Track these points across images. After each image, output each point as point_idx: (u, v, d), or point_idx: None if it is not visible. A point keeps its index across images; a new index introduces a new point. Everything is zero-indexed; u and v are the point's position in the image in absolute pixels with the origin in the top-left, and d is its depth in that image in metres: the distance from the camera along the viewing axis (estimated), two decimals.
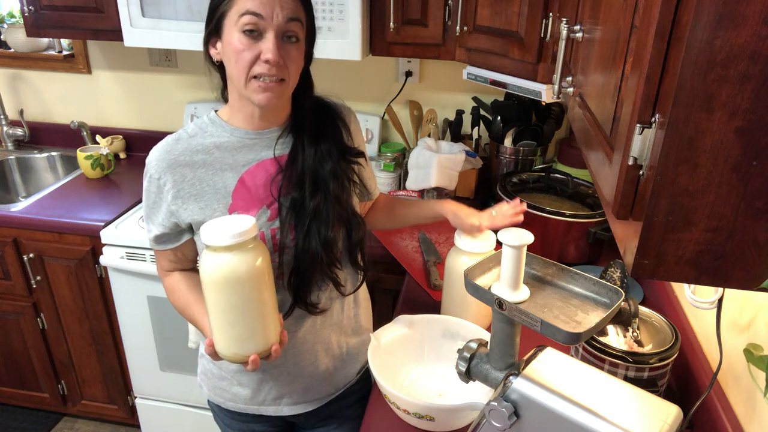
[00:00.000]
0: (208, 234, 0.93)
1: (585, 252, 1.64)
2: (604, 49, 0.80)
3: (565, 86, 1.07)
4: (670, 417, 0.74)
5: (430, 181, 1.88)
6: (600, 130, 0.77)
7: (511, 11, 1.50)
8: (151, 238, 1.15)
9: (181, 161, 1.08)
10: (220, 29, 1.01)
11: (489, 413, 0.80)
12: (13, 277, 2.03)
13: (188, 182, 1.08)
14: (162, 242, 1.14)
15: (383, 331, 1.22)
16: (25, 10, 1.91)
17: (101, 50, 2.33)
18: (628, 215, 0.63)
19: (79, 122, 2.34)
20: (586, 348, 1.08)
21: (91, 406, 2.28)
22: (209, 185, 1.09)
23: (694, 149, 0.54)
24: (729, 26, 0.49)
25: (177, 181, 1.08)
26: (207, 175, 1.09)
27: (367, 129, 2.13)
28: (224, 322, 0.99)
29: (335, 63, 2.14)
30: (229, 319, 0.98)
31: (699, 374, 1.12)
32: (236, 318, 0.98)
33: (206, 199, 1.09)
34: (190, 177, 1.08)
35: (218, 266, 0.94)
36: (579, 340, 0.78)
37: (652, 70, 0.56)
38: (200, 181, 1.08)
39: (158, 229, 1.12)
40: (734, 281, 0.58)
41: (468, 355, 0.93)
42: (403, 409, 1.08)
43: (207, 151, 1.09)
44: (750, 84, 0.50)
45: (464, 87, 2.10)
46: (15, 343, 2.18)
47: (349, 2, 1.62)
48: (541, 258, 0.92)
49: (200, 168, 1.08)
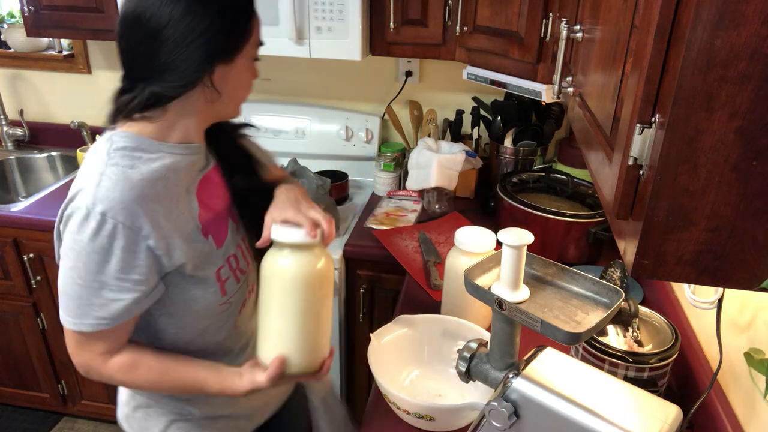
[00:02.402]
0: (297, 233, 0.93)
1: (585, 252, 1.64)
2: (604, 49, 0.80)
3: (565, 86, 1.07)
4: (670, 417, 0.74)
5: (430, 181, 1.88)
6: (600, 130, 0.77)
7: (511, 11, 1.50)
8: (115, 313, 0.90)
9: (148, 196, 0.90)
10: (235, 58, 0.93)
11: (489, 413, 0.80)
12: (13, 277, 2.03)
13: (164, 218, 0.92)
14: (134, 310, 0.92)
15: (383, 331, 1.22)
16: (25, 10, 1.91)
17: (101, 50, 2.33)
18: (628, 215, 0.63)
19: (79, 122, 2.34)
20: (586, 348, 1.08)
21: (91, 406, 2.28)
22: (182, 213, 0.95)
23: (694, 149, 0.54)
24: (729, 26, 0.49)
25: (153, 219, 0.90)
26: (173, 203, 0.94)
27: (367, 129, 2.13)
28: (308, 326, 0.95)
29: (335, 63, 2.14)
30: (313, 321, 0.96)
31: (699, 374, 1.12)
32: (317, 320, 0.96)
33: (186, 229, 0.95)
34: (162, 211, 0.92)
35: (311, 263, 0.93)
36: (579, 340, 0.78)
37: (652, 70, 0.56)
38: (172, 212, 0.93)
39: (134, 292, 0.90)
40: (734, 281, 0.58)
41: (468, 355, 0.93)
42: (403, 409, 1.08)
43: (163, 177, 0.93)
44: (750, 84, 0.50)
45: (464, 87, 2.10)
46: (15, 343, 2.18)
47: (349, 2, 1.62)
48: (541, 258, 0.92)
49: (165, 198, 0.93)
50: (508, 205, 1.66)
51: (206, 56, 0.89)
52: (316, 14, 1.66)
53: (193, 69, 0.89)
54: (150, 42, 0.87)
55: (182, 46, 0.86)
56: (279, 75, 2.21)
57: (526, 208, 1.62)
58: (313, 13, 1.66)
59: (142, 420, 1.11)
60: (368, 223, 1.88)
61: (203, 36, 0.87)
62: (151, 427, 1.11)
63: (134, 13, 0.87)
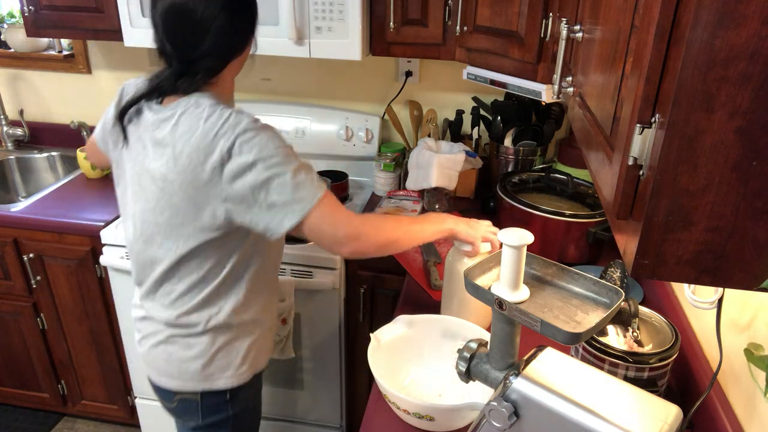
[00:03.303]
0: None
1: (585, 252, 1.64)
2: (604, 49, 0.80)
3: (565, 86, 1.07)
4: (670, 417, 0.74)
5: (430, 181, 1.88)
6: (600, 130, 0.77)
7: (511, 11, 1.50)
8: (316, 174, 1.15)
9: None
10: (249, 43, 1.19)
11: (489, 413, 0.80)
12: (13, 277, 2.03)
13: None
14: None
15: (383, 331, 1.22)
16: (25, 10, 1.91)
17: (101, 50, 2.34)
18: (628, 215, 0.63)
19: (79, 122, 2.34)
20: (586, 348, 1.08)
21: (91, 406, 2.28)
22: None
23: (694, 149, 0.54)
24: (729, 26, 0.49)
25: None
26: None
27: (367, 129, 2.13)
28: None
29: (335, 63, 2.15)
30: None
31: (699, 374, 1.12)
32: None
33: None
34: None
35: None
36: (579, 340, 0.78)
37: (652, 70, 0.56)
38: None
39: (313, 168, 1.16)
40: (734, 281, 0.58)
41: (468, 355, 0.93)
42: (403, 409, 1.08)
43: None
44: (750, 84, 0.50)
45: (464, 87, 2.10)
46: (15, 343, 2.18)
47: (349, 2, 1.62)
48: (541, 258, 0.92)
49: None
50: (508, 205, 1.66)
51: (240, 42, 1.15)
52: (316, 14, 1.66)
53: (231, 51, 1.15)
54: (200, 33, 1.09)
55: (222, 35, 1.10)
56: (279, 75, 2.21)
57: (526, 208, 1.62)
58: (313, 13, 1.66)
59: (223, 358, 1.25)
60: None
61: (235, 27, 1.12)
62: (232, 358, 1.26)
63: (185, 9, 1.08)
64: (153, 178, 1.13)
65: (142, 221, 1.18)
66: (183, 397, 1.28)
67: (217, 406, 1.29)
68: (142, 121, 1.16)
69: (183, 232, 1.14)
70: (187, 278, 1.19)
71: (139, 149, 1.17)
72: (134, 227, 1.21)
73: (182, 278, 1.19)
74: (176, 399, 1.29)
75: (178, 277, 1.19)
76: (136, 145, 1.17)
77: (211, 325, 1.22)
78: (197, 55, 1.11)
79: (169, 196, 1.12)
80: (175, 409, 1.32)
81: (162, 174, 1.12)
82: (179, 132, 1.10)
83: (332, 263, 1.74)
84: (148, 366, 1.32)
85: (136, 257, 1.24)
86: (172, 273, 1.19)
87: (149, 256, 1.20)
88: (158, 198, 1.14)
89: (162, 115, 1.14)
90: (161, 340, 1.25)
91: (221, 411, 1.30)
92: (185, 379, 1.26)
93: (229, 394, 1.28)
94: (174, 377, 1.26)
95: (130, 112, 1.18)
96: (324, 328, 1.85)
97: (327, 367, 1.91)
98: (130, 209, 1.22)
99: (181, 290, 1.20)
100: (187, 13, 1.06)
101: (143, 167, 1.16)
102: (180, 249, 1.16)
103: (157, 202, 1.14)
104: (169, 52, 1.12)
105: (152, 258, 1.20)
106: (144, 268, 1.23)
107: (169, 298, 1.22)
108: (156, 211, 1.15)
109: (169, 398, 1.31)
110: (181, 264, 1.17)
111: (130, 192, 1.21)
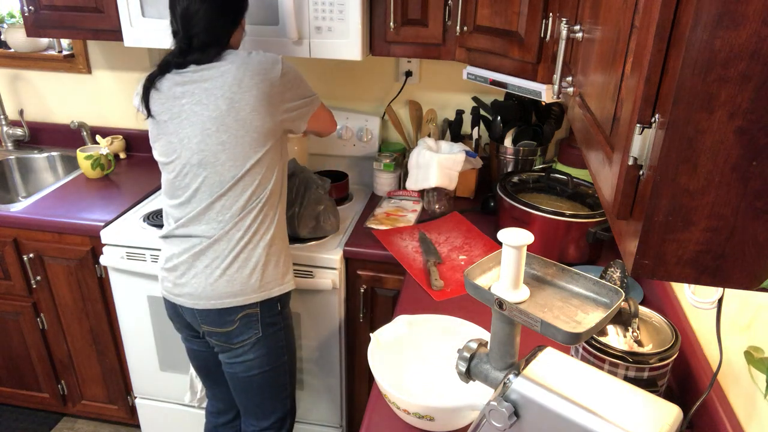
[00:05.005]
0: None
1: (585, 252, 1.64)
2: (604, 49, 0.80)
3: (565, 86, 1.07)
4: (670, 417, 0.74)
5: (430, 181, 1.88)
6: (600, 130, 0.77)
7: (511, 11, 1.50)
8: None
9: None
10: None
11: (489, 413, 0.80)
12: (13, 277, 2.03)
13: None
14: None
15: (383, 331, 1.22)
16: (25, 10, 1.91)
17: (101, 50, 2.34)
18: (628, 215, 0.63)
19: (79, 122, 2.34)
20: (586, 348, 1.08)
21: (91, 406, 2.28)
22: None
23: (694, 149, 0.54)
24: (729, 26, 0.49)
25: None
26: None
27: (367, 129, 2.13)
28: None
29: (335, 63, 2.15)
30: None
31: (699, 374, 1.12)
32: None
33: None
34: None
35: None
36: (579, 340, 0.78)
37: (652, 70, 0.56)
38: None
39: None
40: (734, 281, 0.58)
41: (468, 355, 0.93)
42: (403, 409, 1.08)
43: None
44: (750, 84, 0.50)
45: (464, 87, 2.10)
46: (15, 343, 2.18)
47: (349, 2, 1.62)
48: (541, 258, 0.92)
49: None
50: (508, 205, 1.66)
51: (240, 16, 1.48)
52: (315, 14, 1.66)
53: (237, 22, 1.47)
54: (228, 16, 1.43)
55: (234, 16, 1.45)
56: None
57: (526, 208, 1.62)
58: (312, 13, 1.66)
59: (274, 269, 1.47)
60: (368, 223, 1.88)
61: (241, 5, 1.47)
62: (279, 268, 1.49)
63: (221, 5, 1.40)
64: (217, 105, 1.35)
65: (200, 150, 1.38)
66: (245, 313, 1.44)
67: (273, 317, 1.50)
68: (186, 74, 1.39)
69: (245, 147, 1.36)
70: (243, 195, 1.39)
71: (190, 93, 1.38)
72: (189, 156, 1.39)
73: (243, 192, 1.39)
74: (238, 318, 1.44)
75: (237, 193, 1.39)
76: (186, 94, 1.38)
77: (267, 239, 1.43)
78: (217, 31, 1.41)
79: (236, 112, 1.34)
80: (232, 332, 1.46)
81: (228, 98, 1.34)
82: (235, 63, 1.37)
83: (332, 263, 1.74)
84: (201, 299, 1.43)
85: (187, 185, 1.41)
86: (231, 190, 1.39)
87: (208, 179, 1.38)
88: (220, 122, 1.35)
89: (208, 65, 1.39)
90: (221, 266, 1.41)
91: (276, 323, 1.51)
92: (247, 293, 1.43)
93: (279, 304, 1.50)
94: (237, 295, 1.42)
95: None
96: (324, 328, 1.85)
97: (327, 367, 1.91)
98: (186, 143, 1.39)
99: (240, 205, 1.39)
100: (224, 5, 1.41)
101: (199, 101, 1.37)
102: (239, 166, 1.37)
103: (219, 125, 1.35)
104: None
105: (210, 181, 1.38)
106: (195, 193, 1.40)
107: (228, 213, 1.39)
108: (220, 131, 1.35)
109: (228, 322, 1.45)
110: (240, 180, 1.38)
111: (186, 129, 1.38)
